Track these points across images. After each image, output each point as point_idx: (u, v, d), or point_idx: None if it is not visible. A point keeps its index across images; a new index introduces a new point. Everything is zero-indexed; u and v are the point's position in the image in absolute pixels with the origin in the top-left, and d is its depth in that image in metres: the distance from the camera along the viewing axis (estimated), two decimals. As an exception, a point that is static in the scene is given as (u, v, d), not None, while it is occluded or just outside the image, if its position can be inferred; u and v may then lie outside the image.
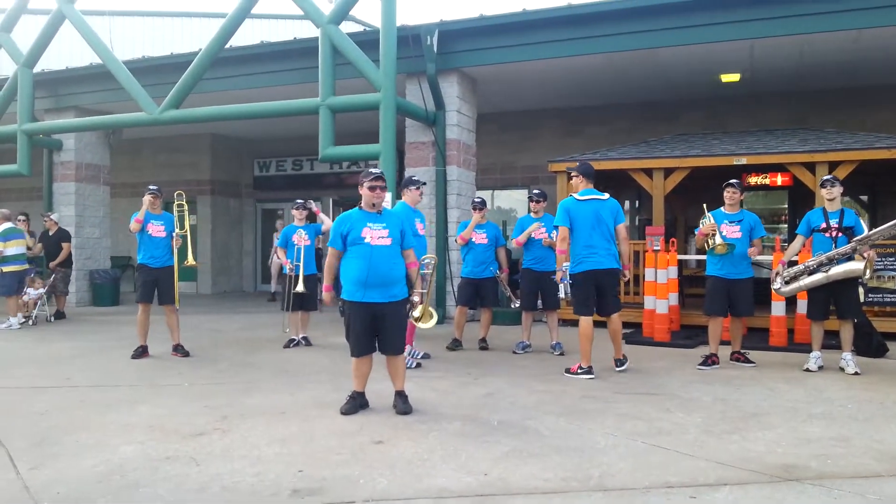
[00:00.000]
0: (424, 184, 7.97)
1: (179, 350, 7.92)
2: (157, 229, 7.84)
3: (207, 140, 17.18)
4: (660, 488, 3.65)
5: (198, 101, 11.67)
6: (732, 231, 7.13)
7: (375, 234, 5.14)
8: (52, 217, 12.05)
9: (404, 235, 5.29)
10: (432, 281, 6.10)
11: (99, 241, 14.41)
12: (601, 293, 6.66)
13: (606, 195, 6.78)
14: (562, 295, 7.57)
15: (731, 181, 7.25)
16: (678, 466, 4.01)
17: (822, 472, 3.90)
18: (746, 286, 7.15)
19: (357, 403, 5.29)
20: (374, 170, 5.27)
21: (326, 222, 8.63)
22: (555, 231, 7.43)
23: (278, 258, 8.80)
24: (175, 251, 7.99)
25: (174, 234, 7.98)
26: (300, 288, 8.29)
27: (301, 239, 8.49)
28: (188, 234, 8.29)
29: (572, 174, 7.00)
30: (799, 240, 7.19)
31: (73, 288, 13.68)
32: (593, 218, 6.60)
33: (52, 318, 11.32)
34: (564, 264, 6.88)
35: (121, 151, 15.98)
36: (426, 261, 6.13)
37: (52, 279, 11.47)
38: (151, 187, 8.05)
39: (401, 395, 5.33)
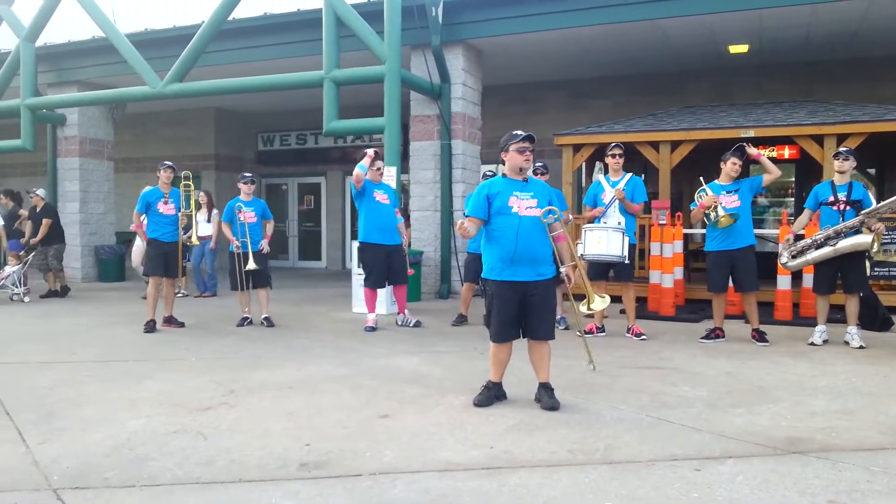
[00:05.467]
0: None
1: (173, 321, 8.08)
2: (167, 207, 7.97)
3: (211, 114, 17.10)
4: (665, 461, 3.67)
5: (201, 74, 11.61)
6: (731, 201, 6.97)
7: (523, 204, 4.67)
8: (38, 193, 11.52)
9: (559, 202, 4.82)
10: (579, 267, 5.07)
11: (104, 217, 14.41)
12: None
13: None
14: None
15: (734, 150, 7.05)
16: (683, 439, 4.02)
17: (827, 445, 3.91)
18: (749, 256, 6.99)
19: (492, 394, 4.80)
20: (518, 131, 4.73)
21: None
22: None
23: (223, 234, 8.38)
24: (181, 229, 8.11)
25: (181, 213, 8.11)
26: (251, 265, 8.01)
27: (246, 216, 8.16)
28: (193, 213, 8.27)
29: None
30: (806, 213, 7.12)
31: (78, 264, 13.76)
32: None
33: (26, 299, 10.60)
34: None
35: (124, 126, 15.92)
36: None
37: (30, 256, 11.03)
38: (167, 163, 8.13)
39: (547, 388, 4.74)
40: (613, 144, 7.52)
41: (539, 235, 4.67)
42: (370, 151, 8.01)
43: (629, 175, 7.43)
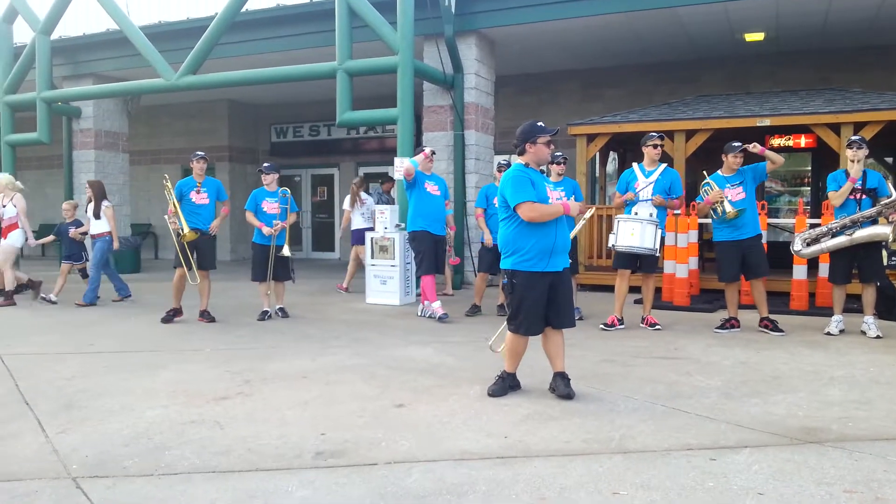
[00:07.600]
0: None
1: (206, 316, 7.98)
2: (200, 197, 7.87)
3: (224, 106, 17.17)
4: (680, 451, 3.66)
5: (215, 66, 11.64)
6: (736, 193, 6.94)
7: (554, 195, 4.79)
8: None
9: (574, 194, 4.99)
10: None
11: (119, 209, 14.41)
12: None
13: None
14: None
15: (734, 144, 6.98)
16: (698, 429, 4.01)
17: (844, 435, 3.89)
18: (758, 244, 7.00)
19: (507, 384, 4.81)
20: (542, 123, 4.69)
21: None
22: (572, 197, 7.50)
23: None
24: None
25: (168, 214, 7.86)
26: (286, 252, 8.04)
27: (272, 207, 8.09)
28: (178, 210, 7.73)
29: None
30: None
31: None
32: None
33: None
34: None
35: (138, 119, 16.03)
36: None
37: None
38: (199, 153, 8.02)
39: (563, 377, 4.74)
40: (655, 135, 7.30)
41: (567, 226, 4.86)
42: (427, 150, 8.16)
43: (663, 166, 7.23)
